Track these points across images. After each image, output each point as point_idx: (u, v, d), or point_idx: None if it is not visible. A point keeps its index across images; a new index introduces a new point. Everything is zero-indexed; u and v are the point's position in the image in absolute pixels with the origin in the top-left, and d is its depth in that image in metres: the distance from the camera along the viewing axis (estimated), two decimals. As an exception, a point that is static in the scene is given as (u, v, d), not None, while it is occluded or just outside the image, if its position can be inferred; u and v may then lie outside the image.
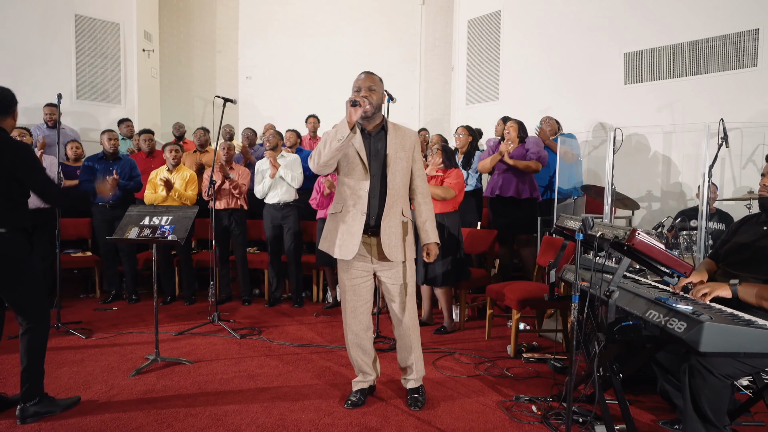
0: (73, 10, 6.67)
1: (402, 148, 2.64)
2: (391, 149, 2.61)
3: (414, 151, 2.69)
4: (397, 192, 2.63)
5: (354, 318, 2.73)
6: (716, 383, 1.95)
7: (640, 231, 2.07)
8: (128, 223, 3.43)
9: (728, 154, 4.81)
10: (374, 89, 2.56)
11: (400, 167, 2.63)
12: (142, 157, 5.66)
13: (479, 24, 6.99)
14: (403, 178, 2.65)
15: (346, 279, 2.70)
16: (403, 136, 2.67)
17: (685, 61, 5.14)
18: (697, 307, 1.94)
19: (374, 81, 2.58)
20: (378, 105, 2.59)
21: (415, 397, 2.76)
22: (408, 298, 2.70)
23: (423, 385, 2.85)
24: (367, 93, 2.53)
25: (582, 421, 2.49)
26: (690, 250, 3.87)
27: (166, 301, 5.02)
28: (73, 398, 2.73)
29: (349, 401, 2.75)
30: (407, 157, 2.66)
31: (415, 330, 2.76)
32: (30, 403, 2.52)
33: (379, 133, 2.65)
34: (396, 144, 2.63)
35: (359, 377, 2.83)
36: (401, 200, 2.66)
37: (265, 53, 8.24)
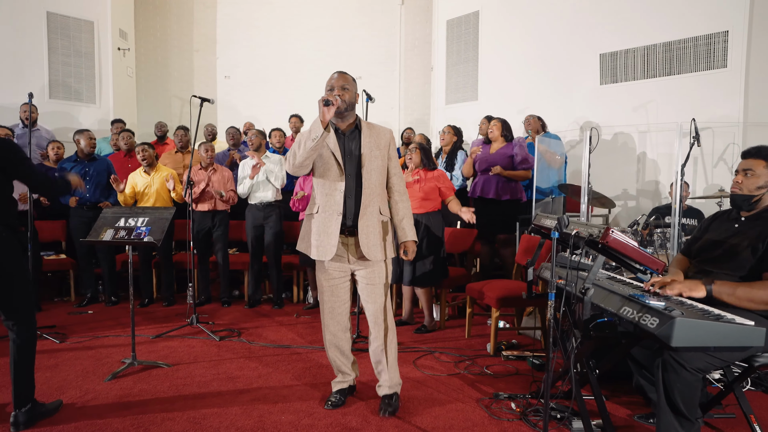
0: (45, 8, 6.50)
1: (377, 147, 2.63)
2: (365, 148, 2.60)
3: (389, 149, 2.68)
4: (373, 191, 2.62)
5: (332, 318, 2.71)
6: (688, 377, 2.00)
7: (614, 229, 2.11)
8: (103, 224, 3.37)
9: (700, 153, 4.93)
10: (347, 88, 2.56)
11: (375, 166, 2.62)
12: (121, 156, 5.57)
13: (458, 24, 7.03)
14: (378, 176, 2.64)
15: (323, 279, 2.68)
16: (377, 134, 2.66)
17: (658, 62, 5.25)
18: (669, 303, 1.99)
19: (347, 80, 2.59)
20: (351, 104, 2.59)
21: (387, 403, 2.66)
22: (387, 299, 2.67)
23: (398, 393, 2.74)
24: (340, 92, 2.53)
25: (560, 417, 2.52)
26: (664, 247, 3.96)
27: (144, 303, 4.94)
28: (56, 402, 2.69)
29: (329, 402, 2.74)
30: (382, 155, 2.65)
31: (392, 331, 2.70)
32: (23, 409, 2.47)
33: (353, 132, 2.64)
34: (370, 143, 2.62)
35: (338, 377, 2.82)
36: (378, 199, 2.64)
37: (244, 52, 8.16)
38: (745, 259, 2.20)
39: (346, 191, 2.59)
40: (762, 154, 2.27)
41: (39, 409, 2.55)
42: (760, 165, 2.26)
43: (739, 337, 1.82)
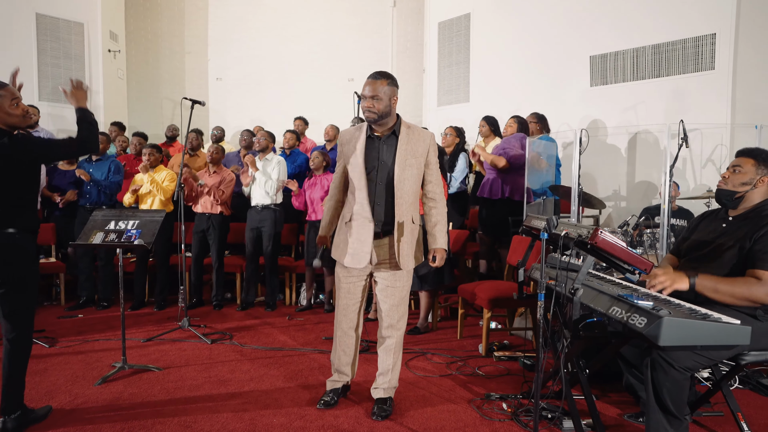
0: (34, 9, 6.46)
1: (413, 155, 2.59)
2: (399, 156, 2.56)
3: (427, 155, 2.64)
4: (406, 200, 2.59)
5: (345, 316, 2.74)
6: (677, 376, 2.02)
7: (603, 230, 2.12)
8: (93, 227, 3.34)
9: (689, 154, 4.97)
10: (379, 98, 2.48)
11: (409, 174, 2.58)
12: (131, 158, 5.56)
13: (449, 26, 7.06)
14: (412, 185, 2.61)
15: (342, 277, 2.71)
16: (416, 140, 2.61)
17: (647, 63, 5.29)
18: (657, 302, 2.01)
19: (377, 88, 2.49)
20: (384, 112, 2.52)
21: (381, 407, 2.66)
22: (400, 302, 2.70)
23: (392, 398, 2.76)
24: (370, 104, 2.50)
25: (550, 417, 2.53)
26: (653, 248, 3.99)
27: (135, 306, 4.91)
28: (45, 408, 2.66)
29: (322, 401, 2.75)
30: (418, 164, 2.61)
31: (400, 337, 2.74)
32: (12, 416, 2.42)
33: (389, 137, 2.61)
34: (406, 150, 2.58)
35: (334, 376, 2.83)
36: (411, 207, 2.63)
37: (235, 54, 8.14)
38: (731, 257, 2.23)
39: (376, 198, 2.58)
40: (753, 153, 2.31)
41: (28, 416, 2.51)
42: (748, 163, 2.30)
43: (725, 336, 1.84)
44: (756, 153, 2.31)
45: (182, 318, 4.12)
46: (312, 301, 4.99)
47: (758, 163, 2.28)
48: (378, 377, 2.76)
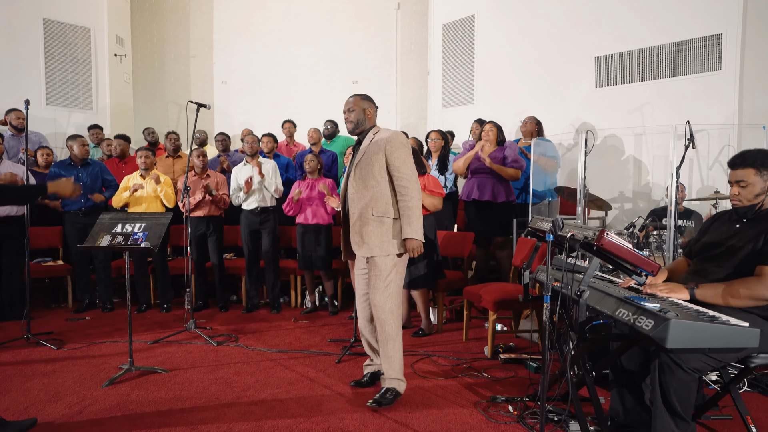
0: (42, 15, 6.51)
1: (374, 152, 2.84)
2: (357, 157, 2.89)
3: (386, 151, 2.83)
4: (362, 194, 2.83)
5: (358, 307, 3.03)
6: (684, 377, 2.00)
7: (609, 231, 2.12)
8: (100, 230, 3.37)
9: (696, 155, 4.94)
10: (353, 110, 2.94)
11: (367, 171, 2.83)
12: (115, 162, 5.56)
13: (453, 28, 7.06)
14: (373, 179, 2.83)
15: (352, 274, 3.10)
16: (376, 141, 2.87)
17: (653, 64, 5.27)
18: (664, 304, 2.00)
19: (352, 103, 2.95)
20: (358, 120, 2.94)
21: (381, 395, 2.78)
22: (377, 292, 2.80)
23: (395, 389, 2.82)
24: (347, 116, 2.96)
25: (557, 420, 2.52)
26: (660, 249, 3.97)
27: (141, 309, 4.93)
28: (29, 420, 2.54)
29: (355, 381, 3.07)
30: (379, 160, 2.84)
31: (383, 326, 2.82)
32: None
33: (360, 143, 2.96)
34: (367, 149, 2.86)
35: (368, 360, 3.11)
36: (371, 201, 2.82)
37: (240, 58, 8.17)
38: (743, 257, 2.22)
39: (348, 195, 2.91)
40: (748, 162, 2.26)
41: (6, 429, 2.41)
42: (750, 174, 2.25)
43: (733, 339, 1.82)
44: (751, 160, 2.25)
45: (188, 320, 4.14)
46: (317, 304, 5.00)
47: (758, 170, 2.24)
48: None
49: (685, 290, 2.19)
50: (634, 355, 2.37)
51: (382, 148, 2.83)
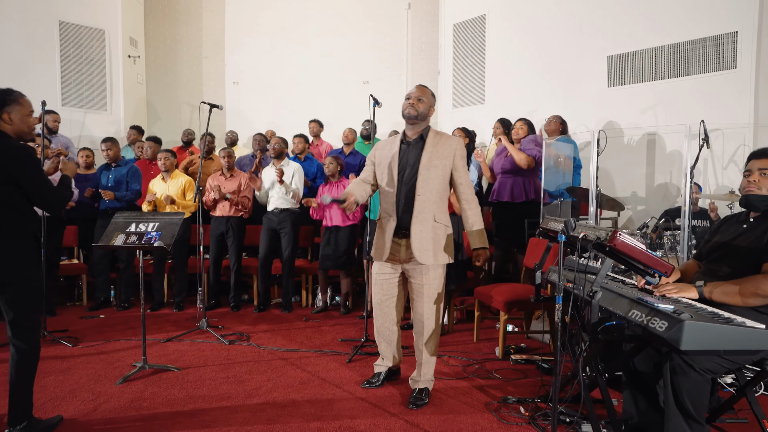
0: (57, 17, 6.61)
1: (438, 157, 2.77)
2: (425, 158, 2.75)
3: (454, 158, 2.79)
4: (428, 198, 2.75)
5: (380, 311, 2.96)
6: (697, 378, 1.98)
7: (621, 232, 2.10)
8: (114, 229, 3.41)
9: (710, 155, 4.89)
10: (423, 100, 2.79)
11: (434, 174, 2.75)
12: (146, 164, 5.65)
13: (464, 28, 7.04)
14: (436, 185, 2.77)
15: (375, 274, 2.93)
16: (443, 144, 2.80)
17: (666, 63, 5.22)
18: (678, 305, 1.98)
19: (425, 93, 2.82)
20: (423, 114, 2.79)
21: (417, 397, 2.83)
22: (426, 299, 2.80)
23: (429, 389, 2.91)
24: (414, 101, 2.77)
25: (569, 421, 2.51)
26: (674, 250, 3.92)
27: (155, 307, 4.98)
28: (56, 418, 2.61)
29: (366, 382, 3.05)
30: (444, 165, 2.77)
31: (428, 332, 2.85)
32: (18, 426, 2.38)
33: (418, 141, 2.82)
34: (431, 152, 2.77)
35: (379, 361, 3.09)
36: (433, 207, 2.77)
37: (251, 58, 8.22)
38: (747, 255, 2.21)
39: (401, 197, 2.79)
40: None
41: (35, 427, 2.45)
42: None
43: (749, 341, 1.80)
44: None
45: (201, 319, 4.17)
46: (328, 303, 5.01)
47: None
48: (416, 369, 2.95)
49: (693, 289, 2.19)
50: (647, 357, 2.35)
51: (452, 154, 2.78)
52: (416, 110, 2.76)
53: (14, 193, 2.35)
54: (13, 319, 2.37)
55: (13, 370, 2.38)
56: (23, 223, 2.39)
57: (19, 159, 2.35)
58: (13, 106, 2.42)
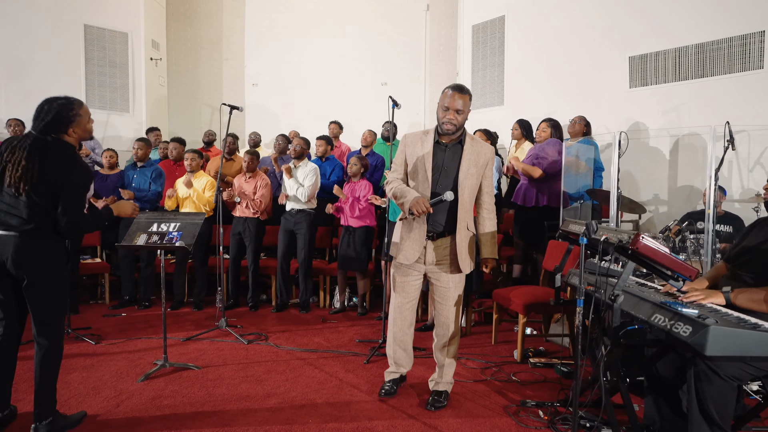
0: (82, 21, 6.76)
1: (475, 165, 2.73)
2: (464, 164, 2.70)
3: (486, 168, 2.78)
4: (465, 206, 2.73)
5: (400, 314, 2.89)
6: (722, 385, 1.95)
7: (644, 235, 2.07)
8: (137, 229, 3.47)
9: (735, 157, 4.78)
10: (461, 111, 2.65)
11: (470, 183, 2.73)
12: (170, 164, 5.72)
13: (483, 29, 7.01)
14: (471, 193, 2.75)
15: (398, 277, 2.85)
16: (478, 152, 2.75)
17: (690, 64, 5.13)
18: (702, 310, 1.94)
19: (464, 103, 2.66)
20: (461, 125, 2.71)
21: (436, 399, 2.82)
22: (452, 302, 2.81)
23: (448, 392, 2.92)
24: (453, 116, 2.65)
25: (589, 426, 2.48)
26: (697, 254, 3.85)
27: (175, 306, 5.05)
28: (80, 413, 2.66)
29: (383, 390, 2.95)
30: (478, 174, 2.76)
31: (454, 334, 2.85)
32: (44, 422, 2.43)
33: (455, 146, 2.75)
34: (470, 160, 2.72)
35: (392, 368, 3.01)
36: (468, 214, 2.77)
37: (270, 60, 8.30)
38: None
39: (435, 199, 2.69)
40: None
41: (60, 423, 2.50)
42: None
43: (776, 347, 1.76)
44: None
45: (220, 318, 4.22)
46: (345, 304, 5.03)
47: None
48: (436, 371, 2.93)
49: (720, 295, 2.15)
50: (670, 361, 2.31)
51: (484, 164, 2.75)
52: (456, 125, 2.66)
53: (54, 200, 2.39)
54: (39, 317, 2.42)
55: (38, 367, 2.43)
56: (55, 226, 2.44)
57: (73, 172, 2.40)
58: (77, 121, 2.48)
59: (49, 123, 2.39)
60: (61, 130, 2.43)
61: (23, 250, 2.34)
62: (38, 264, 2.38)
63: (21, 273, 2.36)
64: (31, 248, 2.36)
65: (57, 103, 2.42)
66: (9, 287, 2.43)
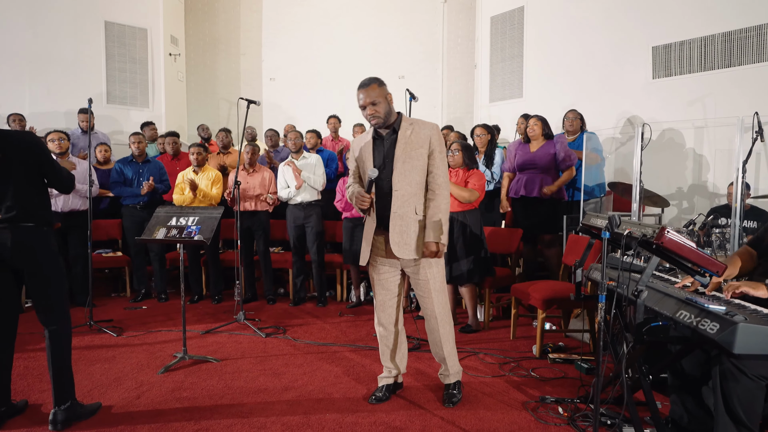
0: (103, 17, 6.85)
1: (413, 146, 2.63)
2: (399, 150, 2.62)
3: (430, 144, 2.65)
4: (406, 191, 2.63)
5: (383, 311, 2.81)
6: (749, 384, 1.89)
7: (669, 229, 2.01)
8: (156, 223, 3.51)
9: (763, 149, 4.64)
10: (377, 102, 2.58)
11: (411, 166, 2.62)
12: (168, 159, 5.77)
13: (502, 21, 6.91)
14: (415, 176, 2.64)
15: (374, 275, 2.79)
16: (417, 132, 2.65)
17: (716, 53, 4.98)
18: (730, 307, 1.88)
19: (373, 93, 2.58)
20: (386, 113, 2.61)
21: (450, 393, 2.79)
22: (434, 294, 2.73)
23: (460, 381, 2.87)
24: (371, 110, 2.59)
25: (610, 424, 2.44)
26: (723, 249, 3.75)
27: (194, 300, 5.11)
28: (95, 404, 2.70)
29: (374, 397, 2.80)
30: (420, 155, 2.63)
31: (444, 325, 2.78)
32: (62, 407, 2.48)
33: (391, 135, 2.68)
34: (405, 144, 2.63)
35: (384, 372, 2.89)
36: (413, 199, 2.65)
37: (288, 55, 8.31)
38: None
39: (378, 193, 2.67)
40: None
41: (78, 410, 2.55)
42: None
43: (809, 345, 1.70)
44: None
45: (238, 312, 4.25)
46: (362, 298, 5.03)
47: None
48: (442, 365, 2.86)
49: (763, 287, 2.06)
50: (694, 358, 2.25)
51: (427, 143, 2.63)
52: (380, 117, 2.59)
53: (37, 182, 2.50)
54: (43, 305, 2.49)
55: (50, 353, 2.49)
56: (43, 212, 2.52)
57: (40, 146, 2.52)
58: None
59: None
60: None
61: (20, 239, 2.41)
62: (36, 253, 2.45)
63: (21, 263, 2.44)
64: (27, 237, 2.43)
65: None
66: (6, 280, 2.49)
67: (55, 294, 2.51)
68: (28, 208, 2.44)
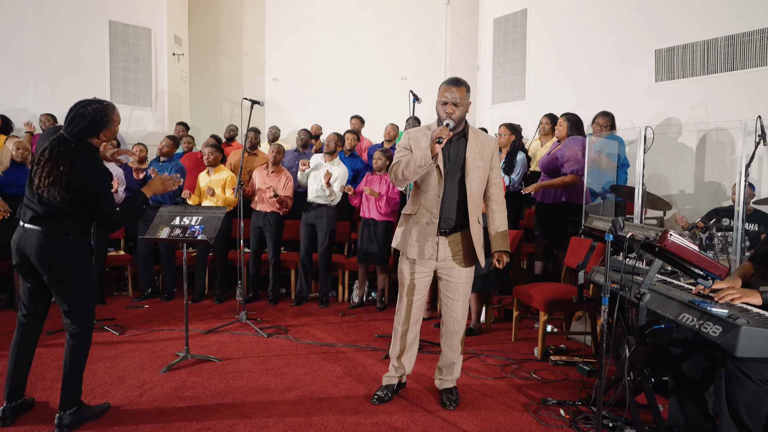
0: (107, 17, 6.87)
1: (480, 156, 2.69)
2: (470, 157, 2.66)
3: (492, 158, 2.73)
4: (474, 199, 2.68)
5: (408, 311, 2.82)
6: (754, 389, 1.89)
7: (672, 232, 2.02)
8: (160, 222, 3.52)
9: (766, 153, 4.64)
10: (459, 104, 2.57)
11: (477, 175, 2.68)
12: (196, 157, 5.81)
13: (505, 23, 6.92)
14: (479, 185, 2.71)
15: (408, 274, 2.77)
16: (482, 143, 2.71)
17: (719, 56, 4.98)
18: (732, 310, 1.89)
19: (461, 94, 2.58)
20: (461, 116, 2.63)
21: (450, 396, 2.80)
22: (462, 297, 2.78)
23: (456, 387, 2.89)
24: (451, 109, 2.57)
25: (612, 426, 2.44)
26: (725, 252, 3.75)
27: (196, 299, 5.12)
28: (103, 405, 2.70)
29: (376, 397, 2.82)
30: (485, 166, 2.71)
31: (463, 329, 2.83)
32: (68, 411, 2.48)
33: (459, 139, 2.71)
34: (475, 152, 2.68)
35: (391, 371, 2.90)
36: (477, 208, 2.72)
37: (291, 55, 8.32)
38: None
39: (445, 196, 2.67)
40: None
41: (84, 413, 2.54)
42: None
43: (812, 349, 1.70)
44: None
45: (240, 311, 4.26)
46: (364, 299, 5.04)
47: None
48: (443, 369, 2.86)
49: (757, 295, 2.06)
50: (696, 362, 2.26)
51: (489, 155, 2.70)
52: (455, 119, 2.57)
53: (79, 203, 2.42)
54: (69, 310, 2.47)
55: (68, 357, 2.48)
56: (80, 224, 2.48)
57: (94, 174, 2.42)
58: (109, 126, 2.49)
59: (83, 128, 2.41)
60: (92, 135, 2.46)
61: (44, 245, 2.39)
62: (58, 260, 2.42)
63: (42, 268, 2.41)
64: (52, 244, 2.40)
65: (92, 108, 2.43)
66: (36, 278, 2.50)
67: (74, 303, 2.47)
68: (60, 215, 2.40)
